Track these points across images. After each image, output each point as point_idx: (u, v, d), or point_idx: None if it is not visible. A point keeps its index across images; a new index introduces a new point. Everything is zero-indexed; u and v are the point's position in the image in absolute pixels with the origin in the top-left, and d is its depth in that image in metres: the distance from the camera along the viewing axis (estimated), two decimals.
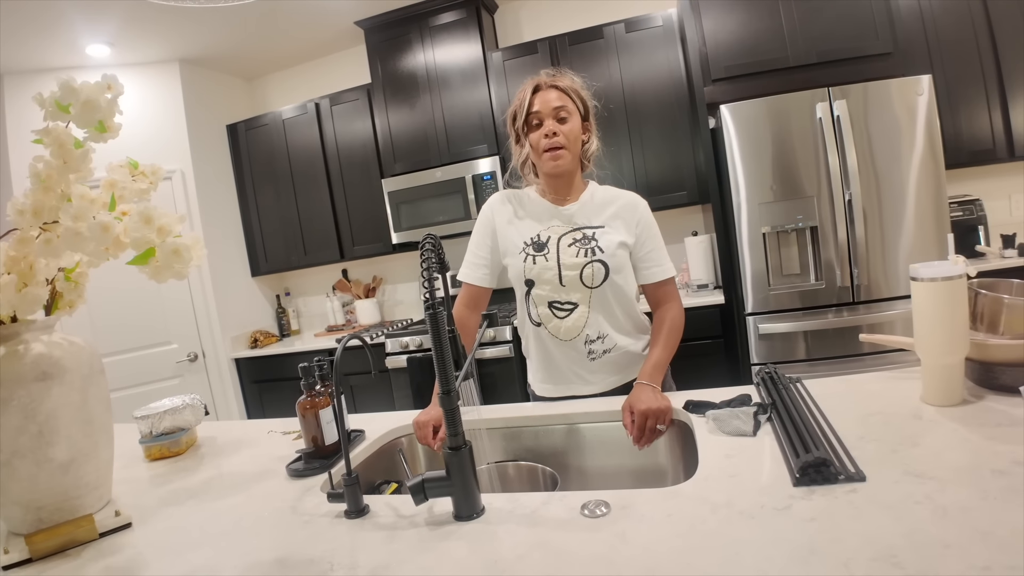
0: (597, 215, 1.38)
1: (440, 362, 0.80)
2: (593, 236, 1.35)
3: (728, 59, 2.59)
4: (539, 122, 1.31)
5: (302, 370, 1.20)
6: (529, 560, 0.68)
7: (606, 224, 1.37)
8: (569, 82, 1.36)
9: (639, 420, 1.12)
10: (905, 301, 2.36)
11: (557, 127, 1.30)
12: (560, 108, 1.31)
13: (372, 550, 0.78)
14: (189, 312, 3.46)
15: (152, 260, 0.88)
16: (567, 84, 1.35)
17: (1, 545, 0.92)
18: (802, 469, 0.79)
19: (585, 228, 1.37)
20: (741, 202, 2.45)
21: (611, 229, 1.36)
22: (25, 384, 0.91)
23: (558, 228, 1.38)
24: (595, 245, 1.34)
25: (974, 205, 2.63)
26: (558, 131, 1.30)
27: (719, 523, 0.71)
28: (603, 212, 1.39)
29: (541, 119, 1.31)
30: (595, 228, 1.36)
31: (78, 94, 0.86)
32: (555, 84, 1.33)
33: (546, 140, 1.30)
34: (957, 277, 0.95)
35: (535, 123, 1.32)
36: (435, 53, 3.20)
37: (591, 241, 1.35)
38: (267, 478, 1.14)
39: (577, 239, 1.35)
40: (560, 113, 1.31)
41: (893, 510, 0.68)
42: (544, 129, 1.30)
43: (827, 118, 2.32)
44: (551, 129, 1.30)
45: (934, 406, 0.98)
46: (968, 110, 2.60)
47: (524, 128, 1.34)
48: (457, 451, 0.81)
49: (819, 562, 0.60)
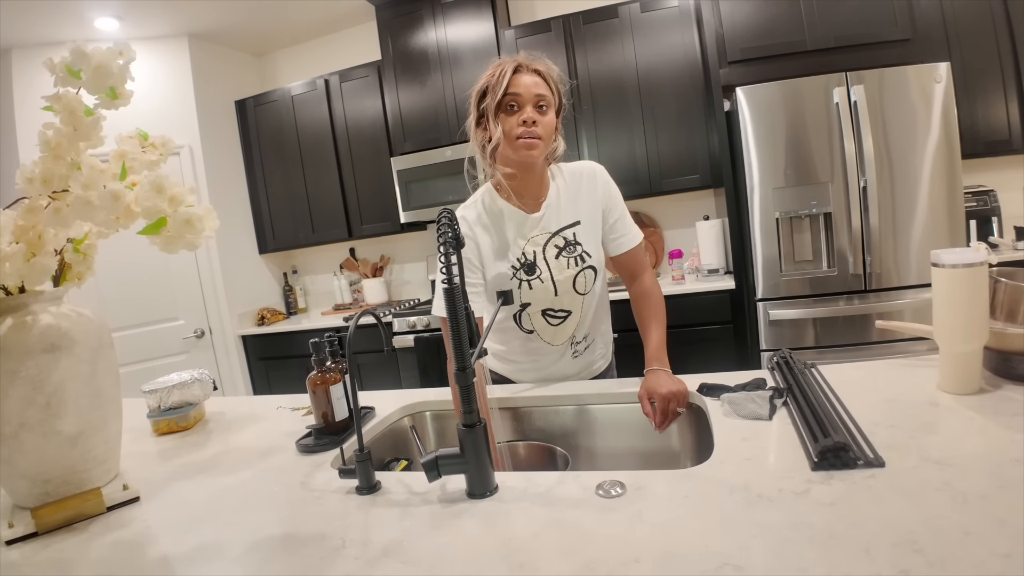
0: (569, 210, 1.31)
1: (456, 339, 0.79)
2: (575, 239, 1.30)
3: (745, 41, 2.54)
4: (515, 106, 1.18)
5: (313, 346, 1.20)
6: (545, 538, 0.68)
7: (581, 217, 1.31)
8: (548, 68, 1.23)
9: (661, 404, 1.12)
10: (916, 290, 2.34)
11: (537, 116, 1.18)
12: (541, 96, 1.18)
13: (384, 527, 0.77)
14: (196, 288, 3.47)
15: (163, 230, 0.87)
16: (547, 70, 1.22)
17: (5, 519, 0.92)
18: (821, 454, 0.78)
19: (564, 231, 1.30)
20: (754, 186, 2.42)
21: (586, 220, 1.31)
22: (33, 355, 0.90)
23: (539, 238, 1.29)
24: (581, 251, 1.30)
25: (988, 196, 2.60)
26: (538, 121, 1.18)
27: (737, 505, 0.70)
28: (574, 203, 1.31)
29: (519, 103, 1.18)
30: (572, 227, 1.30)
31: (89, 59, 0.84)
32: (536, 68, 1.21)
33: (522, 128, 1.17)
34: (979, 264, 0.93)
35: (510, 105, 1.19)
36: (447, 30, 3.15)
37: (576, 247, 1.30)
38: (276, 453, 1.14)
39: (560, 247, 1.29)
40: (540, 101, 1.19)
41: (912, 496, 0.67)
42: (523, 115, 1.17)
43: (844, 103, 2.28)
44: (530, 117, 1.17)
45: (951, 394, 0.97)
46: (984, 100, 2.55)
47: (496, 110, 1.20)
48: (471, 428, 0.80)
49: (839, 547, 0.60)
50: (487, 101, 1.20)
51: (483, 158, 1.28)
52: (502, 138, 1.20)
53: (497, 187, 1.30)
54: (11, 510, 0.95)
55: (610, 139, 2.97)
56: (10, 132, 3.07)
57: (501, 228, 1.28)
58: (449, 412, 1.36)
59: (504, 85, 1.17)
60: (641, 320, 1.33)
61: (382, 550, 0.71)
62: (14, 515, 0.92)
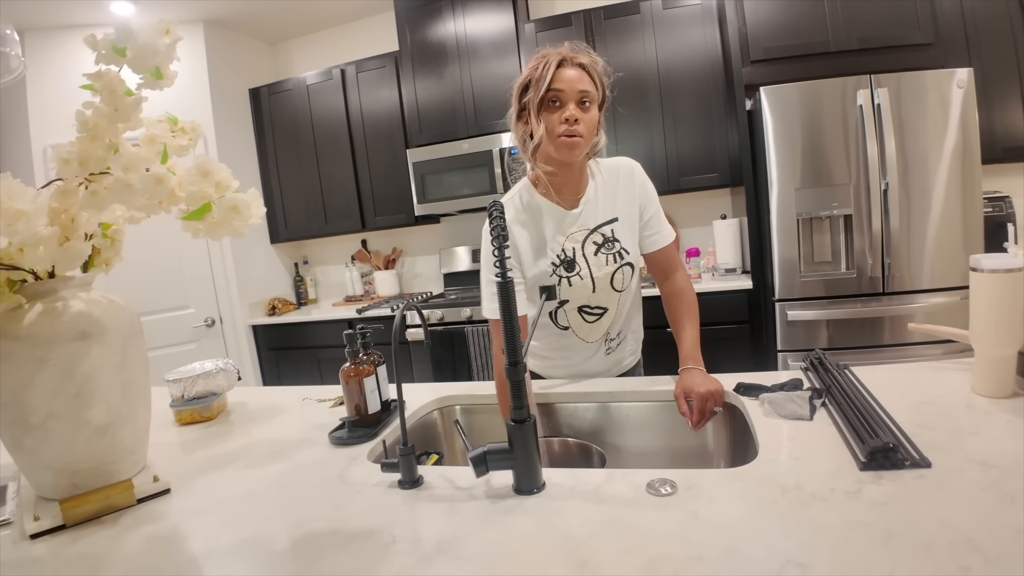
0: (607, 206, 1.30)
1: (509, 334, 0.79)
2: (613, 236, 1.29)
3: (768, 40, 2.53)
4: (558, 102, 1.16)
5: (346, 337, 1.20)
6: (602, 537, 0.68)
7: (618, 214, 1.30)
8: (592, 61, 1.19)
9: (699, 404, 1.11)
10: (929, 294, 2.34)
11: (579, 114, 1.15)
12: (585, 92, 1.15)
13: (433, 523, 0.77)
14: (207, 276, 3.46)
15: (208, 216, 0.85)
16: (591, 63, 1.19)
17: (29, 511, 0.89)
18: (870, 454, 0.78)
19: (602, 227, 1.29)
20: (774, 186, 2.41)
21: (623, 217, 1.30)
22: (63, 343, 0.87)
23: (578, 234, 1.28)
24: (620, 248, 1.29)
25: (1004, 202, 2.59)
26: (580, 119, 1.15)
27: (792, 505, 0.70)
28: (611, 200, 1.30)
29: (562, 100, 1.15)
30: (610, 224, 1.29)
31: (136, 36, 0.82)
32: (580, 62, 1.17)
33: (565, 126, 1.15)
34: (1018, 269, 0.93)
35: (552, 102, 1.16)
36: (466, 22, 3.14)
37: (614, 244, 1.29)
38: (308, 446, 1.13)
39: (599, 243, 1.29)
40: (584, 98, 1.16)
41: (963, 496, 0.68)
42: (565, 113, 1.15)
43: (868, 105, 2.26)
44: (573, 115, 1.14)
45: (986, 397, 0.98)
46: (1003, 106, 2.54)
47: (538, 105, 1.17)
48: (521, 424, 0.80)
49: (899, 545, 0.60)
50: (529, 95, 1.17)
51: (524, 153, 1.26)
52: (544, 136, 1.17)
53: (535, 182, 1.29)
54: (34, 502, 0.92)
55: (629, 136, 2.96)
56: (22, 114, 3.05)
57: (539, 224, 1.27)
58: (478, 407, 1.36)
59: (548, 80, 1.14)
60: (674, 319, 1.32)
61: (434, 547, 0.70)
62: (38, 507, 0.89)
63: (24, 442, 0.89)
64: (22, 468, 0.94)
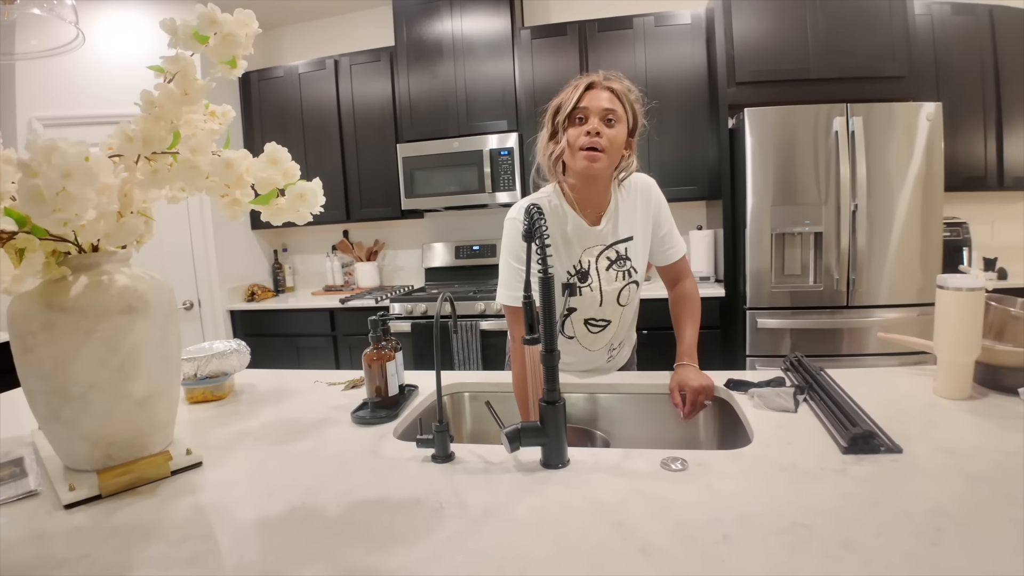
0: (626, 224, 1.36)
1: (548, 324, 0.88)
2: (626, 254, 1.36)
3: (753, 64, 2.70)
4: (583, 118, 1.22)
5: (371, 323, 1.26)
6: (633, 503, 0.78)
7: (635, 232, 1.37)
8: (624, 88, 1.26)
9: (691, 396, 1.23)
10: (886, 309, 2.54)
11: (602, 128, 1.20)
12: (610, 111, 1.21)
13: (475, 491, 0.84)
14: (188, 260, 3.44)
15: (274, 201, 0.91)
16: (622, 89, 1.25)
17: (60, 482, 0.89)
18: (852, 440, 0.91)
19: (617, 244, 1.36)
20: (750, 202, 2.58)
21: (638, 236, 1.37)
22: (110, 316, 0.89)
23: (595, 249, 1.35)
24: (630, 266, 1.37)
25: (961, 227, 2.83)
26: (602, 132, 1.20)
27: (790, 479, 0.82)
28: (630, 218, 1.36)
29: (587, 116, 1.21)
30: (626, 242, 1.36)
31: (221, 26, 0.86)
32: (610, 86, 1.23)
33: (586, 138, 1.20)
34: (979, 289, 1.08)
35: (578, 118, 1.22)
36: (463, 22, 3.21)
37: (626, 262, 1.36)
38: (331, 425, 1.18)
39: (612, 259, 1.35)
40: (608, 116, 1.21)
41: (933, 476, 0.82)
42: (587, 127, 1.20)
43: (843, 132, 2.45)
44: (595, 128, 1.20)
45: (946, 399, 1.12)
46: (966, 138, 2.79)
47: (565, 123, 1.23)
48: (553, 405, 0.90)
49: (884, 512, 0.72)
50: (560, 116, 1.24)
51: (549, 167, 1.30)
52: (566, 147, 1.24)
53: (562, 191, 1.33)
54: (62, 473, 0.93)
55: None
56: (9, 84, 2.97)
57: (563, 231, 1.33)
58: (484, 394, 1.45)
59: (575, 99, 1.21)
60: (678, 319, 1.44)
61: (482, 511, 0.78)
62: (69, 478, 0.90)
63: (62, 413, 0.90)
64: (54, 439, 0.96)
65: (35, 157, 0.61)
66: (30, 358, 0.89)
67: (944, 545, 0.64)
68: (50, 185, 0.61)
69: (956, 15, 2.81)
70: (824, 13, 2.64)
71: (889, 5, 2.62)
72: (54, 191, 0.61)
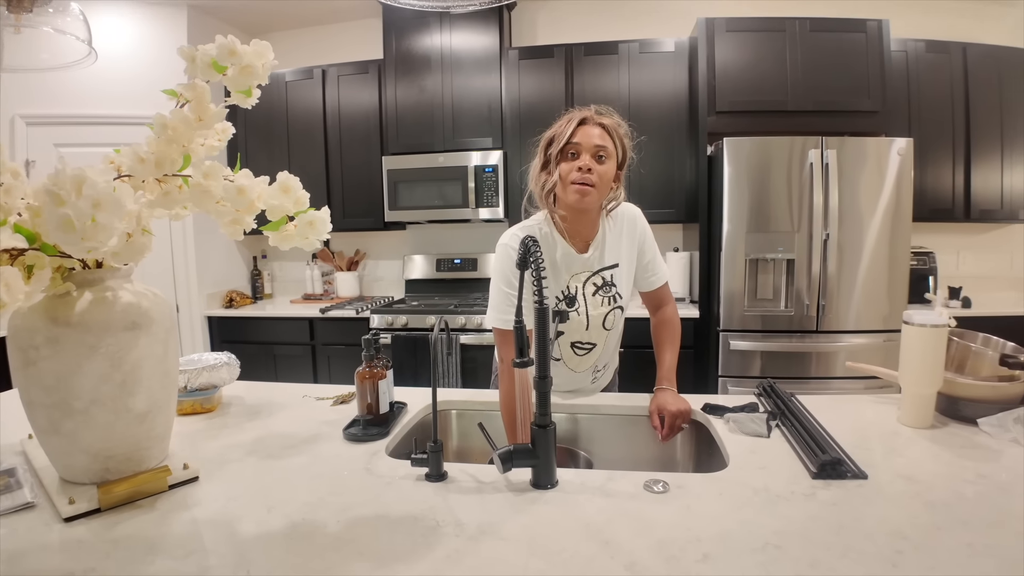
0: (612, 251, 1.42)
1: (542, 353, 0.93)
2: (612, 280, 1.42)
3: (733, 94, 2.81)
4: (575, 154, 1.28)
5: (364, 342, 1.29)
6: (619, 523, 0.83)
7: (621, 260, 1.43)
8: (615, 123, 1.33)
9: (669, 420, 1.29)
10: (852, 335, 2.66)
11: (593, 164, 1.27)
12: (601, 147, 1.28)
13: (469, 510, 0.88)
14: (168, 264, 3.41)
15: (283, 228, 0.94)
16: (612, 124, 1.32)
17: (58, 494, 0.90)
18: (821, 466, 0.97)
19: (603, 271, 1.42)
20: (726, 227, 2.68)
21: (624, 264, 1.43)
22: (114, 332, 0.91)
23: (582, 275, 1.40)
24: (615, 292, 1.43)
25: (927, 257, 2.98)
26: (593, 168, 1.26)
27: (763, 502, 0.88)
28: (616, 245, 1.42)
29: (579, 151, 1.28)
30: (611, 269, 1.42)
31: (240, 58, 0.89)
32: (601, 122, 1.30)
33: (577, 174, 1.26)
34: (943, 325, 1.16)
35: (571, 154, 1.29)
36: (452, 38, 3.27)
37: (611, 288, 1.42)
38: (322, 441, 1.20)
39: (598, 285, 1.41)
40: (599, 152, 1.28)
41: (894, 502, 0.88)
42: (579, 162, 1.27)
43: (817, 164, 2.57)
44: (586, 164, 1.26)
45: (909, 427, 1.20)
46: (935, 170, 2.95)
47: (558, 156, 1.30)
48: (544, 428, 0.95)
49: (848, 534, 0.79)
50: (552, 148, 1.31)
51: (540, 199, 1.36)
52: (558, 181, 1.30)
53: (553, 219, 1.38)
54: (58, 485, 0.94)
55: None
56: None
57: (553, 257, 1.38)
58: (470, 412, 1.49)
59: (568, 134, 1.28)
60: (658, 343, 1.50)
61: (477, 529, 0.83)
62: (66, 490, 0.91)
63: (63, 426, 0.91)
64: (52, 451, 0.96)
65: (63, 187, 0.64)
66: (32, 371, 0.90)
67: (903, 567, 0.71)
68: (81, 215, 0.63)
69: (930, 52, 2.96)
70: (803, 47, 2.77)
71: (866, 41, 2.77)
72: (84, 221, 0.64)
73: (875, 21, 2.77)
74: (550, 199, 1.35)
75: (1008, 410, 1.14)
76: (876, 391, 1.42)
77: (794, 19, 2.79)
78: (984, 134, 2.96)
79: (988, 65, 2.96)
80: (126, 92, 3.14)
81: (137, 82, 3.13)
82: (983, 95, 2.95)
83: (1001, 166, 2.99)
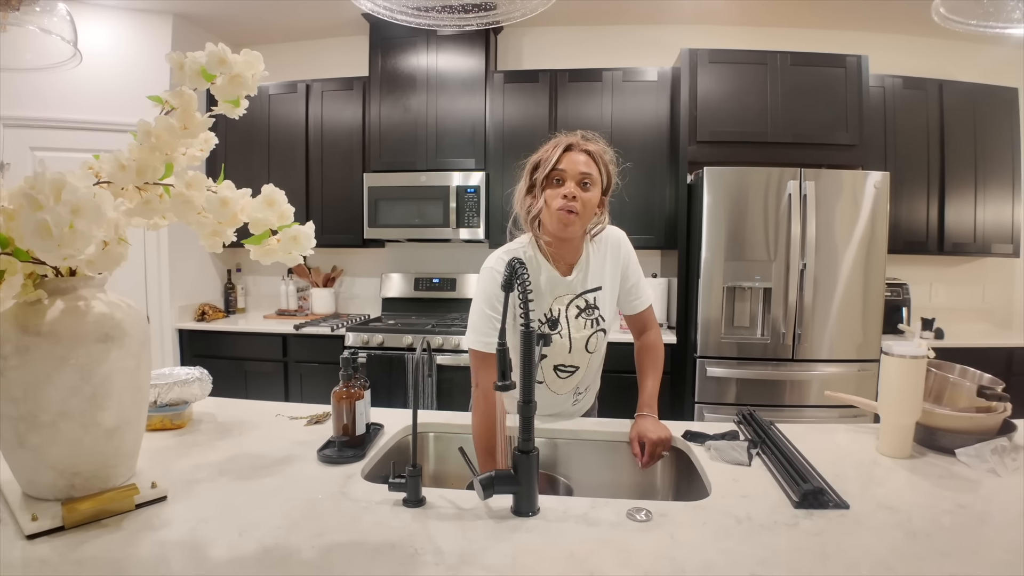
0: (596, 275, 1.43)
1: (526, 377, 0.92)
2: (595, 303, 1.42)
3: (714, 124, 2.87)
4: (561, 180, 1.29)
5: (343, 361, 1.27)
6: (603, 553, 0.81)
7: (604, 283, 1.43)
8: (601, 149, 1.34)
9: (650, 448, 1.28)
10: (827, 364, 2.69)
11: (578, 192, 1.27)
12: (586, 175, 1.29)
13: (449, 538, 0.86)
14: (140, 274, 3.31)
15: (266, 242, 0.92)
16: (598, 151, 1.33)
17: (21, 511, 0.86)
18: (803, 495, 0.97)
19: (586, 294, 1.42)
20: (704, 255, 2.71)
21: (607, 287, 1.44)
22: (86, 344, 0.88)
23: (565, 298, 1.40)
24: (598, 315, 1.43)
25: (901, 288, 3.05)
26: (578, 196, 1.27)
27: (747, 532, 0.87)
28: (600, 269, 1.43)
29: (564, 178, 1.29)
30: (594, 292, 1.42)
31: (230, 67, 0.88)
32: (587, 148, 1.31)
33: (562, 201, 1.27)
34: (921, 357, 1.18)
35: (556, 180, 1.30)
36: (439, 59, 3.28)
37: (594, 310, 1.42)
38: (296, 462, 1.17)
39: (581, 308, 1.41)
40: (584, 179, 1.29)
41: (877, 532, 0.88)
42: (564, 189, 1.27)
43: (796, 195, 2.63)
44: (572, 192, 1.27)
45: (888, 456, 1.21)
46: (910, 203, 3.04)
47: (543, 182, 1.31)
48: (527, 454, 0.93)
49: (833, 564, 0.78)
50: (538, 173, 1.31)
51: (525, 223, 1.37)
52: (543, 207, 1.31)
53: (538, 243, 1.38)
54: (21, 502, 0.90)
55: None
56: None
57: (537, 280, 1.38)
58: (446, 435, 1.46)
59: (553, 161, 1.28)
60: (641, 368, 1.50)
61: (458, 558, 0.80)
62: (29, 507, 0.87)
63: (29, 439, 0.87)
64: (17, 465, 0.92)
65: (42, 191, 0.61)
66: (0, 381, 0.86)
67: None
68: (59, 222, 0.60)
69: (907, 88, 3.07)
70: (784, 80, 2.85)
71: (846, 76, 2.86)
72: (62, 227, 0.61)
73: (854, 57, 2.87)
74: (535, 224, 1.36)
75: (985, 441, 1.15)
76: (850, 419, 1.44)
77: (776, 52, 2.87)
78: (958, 169, 3.07)
79: (963, 102, 3.07)
80: (106, 98, 3.09)
81: (118, 89, 3.08)
82: (958, 131, 3.06)
83: (975, 201, 3.09)
